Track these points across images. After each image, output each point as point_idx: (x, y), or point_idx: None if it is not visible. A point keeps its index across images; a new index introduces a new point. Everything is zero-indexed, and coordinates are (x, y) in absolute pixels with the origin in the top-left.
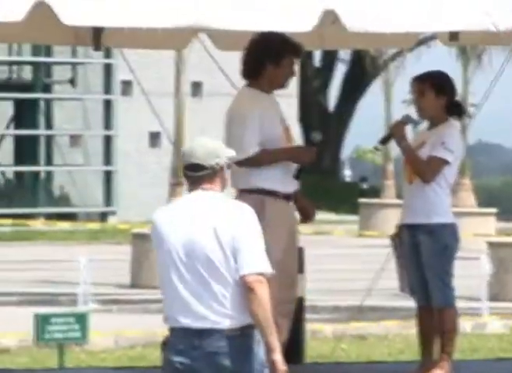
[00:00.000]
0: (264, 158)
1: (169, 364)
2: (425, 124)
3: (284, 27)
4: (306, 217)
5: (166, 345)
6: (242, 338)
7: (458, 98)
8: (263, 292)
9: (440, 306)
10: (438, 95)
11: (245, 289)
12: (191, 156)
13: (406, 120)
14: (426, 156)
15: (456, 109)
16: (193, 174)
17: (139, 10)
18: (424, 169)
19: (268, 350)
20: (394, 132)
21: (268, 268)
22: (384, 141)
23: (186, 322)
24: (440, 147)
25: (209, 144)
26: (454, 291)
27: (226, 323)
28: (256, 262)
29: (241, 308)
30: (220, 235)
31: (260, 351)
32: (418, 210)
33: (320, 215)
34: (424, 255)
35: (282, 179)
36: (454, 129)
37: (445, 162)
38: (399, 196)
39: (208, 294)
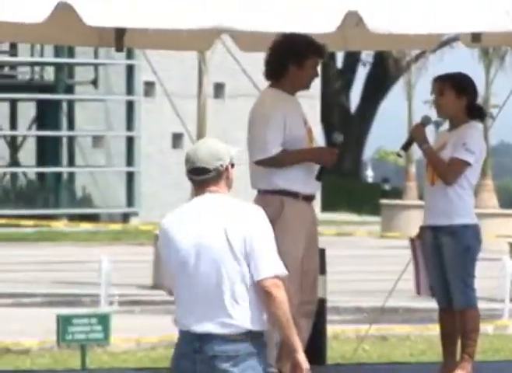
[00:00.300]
0: (286, 159)
1: (174, 366)
2: (446, 125)
3: (307, 28)
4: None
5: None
6: (245, 343)
7: (480, 99)
8: (281, 295)
9: (461, 307)
10: (458, 96)
11: (263, 293)
12: (195, 160)
13: (426, 121)
14: (447, 158)
15: (477, 113)
16: (198, 178)
17: (162, 11)
18: (446, 171)
19: (292, 351)
20: (415, 135)
21: (282, 269)
22: (406, 146)
23: (189, 325)
24: (462, 148)
25: (212, 146)
26: (475, 292)
27: (229, 328)
28: (271, 265)
29: (248, 313)
30: (231, 238)
31: (263, 358)
32: (440, 211)
33: (343, 216)
34: (446, 256)
35: (303, 180)
36: (475, 130)
37: (466, 164)
38: (421, 197)
39: (214, 298)
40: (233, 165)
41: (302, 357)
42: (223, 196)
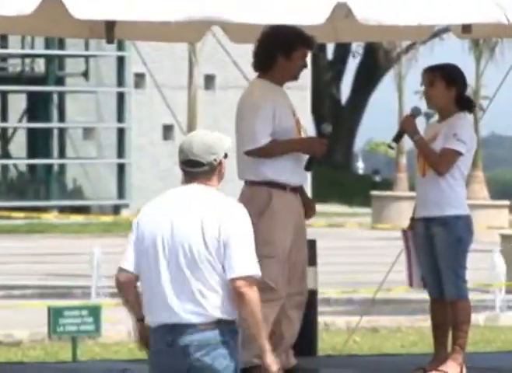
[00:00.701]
0: (275, 149)
1: (151, 364)
2: (436, 116)
3: (297, 20)
4: (305, 215)
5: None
6: (216, 332)
7: (470, 91)
8: (252, 296)
9: (453, 298)
10: (448, 87)
11: (234, 293)
12: (189, 152)
13: (415, 112)
14: (439, 149)
15: (467, 104)
16: (191, 170)
17: (152, 3)
18: (438, 162)
19: (261, 353)
20: (405, 126)
21: (257, 271)
22: (397, 138)
23: (161, 317)
24: (453, 138)
25: (207, 139)
26: (466, 284)
27: (200, 317)
28: (245, 265)
29: (218, 302)
30: (206, 229)
31: (235, 346)
32: (432, 202)
33: (333, 208)
34: (438, 247)
35: (291, 171)
36: (465, 120)
37: (458, 154)
38: (412, 188)
39: (184, 287)
40: (226, 156)
41: (270, 360)
42: (209, 188)
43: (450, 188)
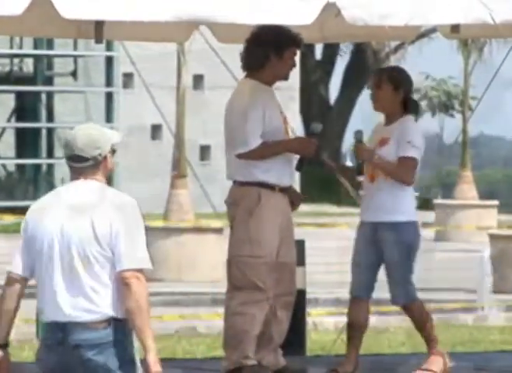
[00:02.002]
0: (266, 151)
1: (38, 360)
2: (381, 119)
3: (285, 20)
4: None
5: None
6: (109, 331)
7: (459, 91)
8: (140, 289)
9: (404, 303)
10: (395, 90)
11: (121, 284)
12: (74, 147)
13: (359, 136)
14: (391, 154)
15: (413, 106)
16: (76, 165)
17: (140, 3)
18: (402, 174)
19: (144, 350)
20: (363, 156)
21: (147, 264)
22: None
23: (52, 315)
24: (408, 145)
25: (92, 133)
26: (414, 286)
27: (92, 315)
28: (134, 257)
29: (110, 300)
30: (96, 225)
31: (129, 345)
32: (381, 207)
33: (322, 208)
34: (387, 252)
35: (280, 172)
36: (415, 125)
37: (416, 160)
38: None
39: (76, 285)
40: (114, 152)
41: (152, 359)
42: (96, 183)
43: (400, 194)
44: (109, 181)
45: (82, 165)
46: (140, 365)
